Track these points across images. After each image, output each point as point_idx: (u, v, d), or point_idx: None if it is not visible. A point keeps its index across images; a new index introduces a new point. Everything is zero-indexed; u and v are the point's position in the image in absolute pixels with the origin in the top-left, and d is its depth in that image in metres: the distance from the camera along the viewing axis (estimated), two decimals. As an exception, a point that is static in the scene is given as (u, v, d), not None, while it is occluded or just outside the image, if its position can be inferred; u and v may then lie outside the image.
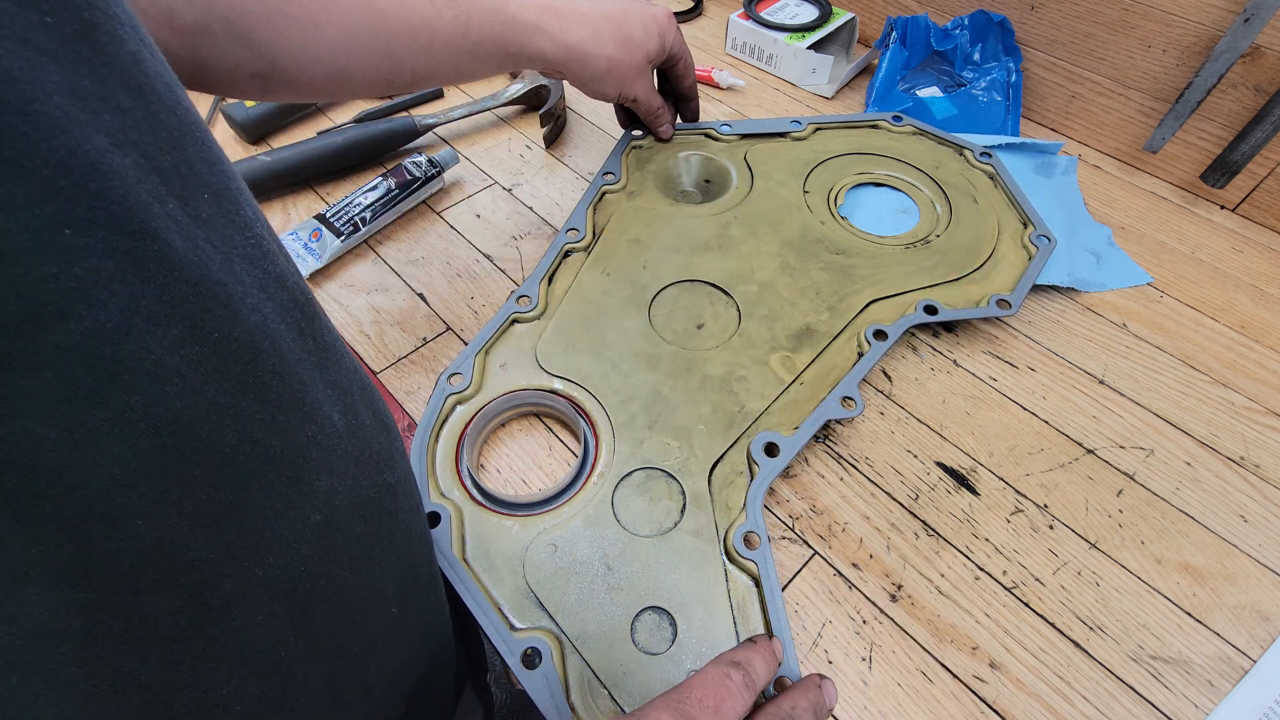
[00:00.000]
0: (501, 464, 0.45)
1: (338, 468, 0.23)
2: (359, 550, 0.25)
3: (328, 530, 0.22)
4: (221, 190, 0.18)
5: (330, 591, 0.23)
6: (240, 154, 0.65)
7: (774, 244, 0.55)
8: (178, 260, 0.15)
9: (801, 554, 0.41)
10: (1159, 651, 0.38)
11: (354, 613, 0.25)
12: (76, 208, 0.13)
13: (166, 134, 0.16)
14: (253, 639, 0.20)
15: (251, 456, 0.18)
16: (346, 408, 0.24)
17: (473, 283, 0.55)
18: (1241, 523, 0.43)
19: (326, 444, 0.22)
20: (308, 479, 0.21)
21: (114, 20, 0.15)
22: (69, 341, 0.13)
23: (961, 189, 0.60)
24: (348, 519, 0.24)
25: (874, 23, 0.79)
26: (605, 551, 0.39)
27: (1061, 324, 0.53)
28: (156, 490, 0.15)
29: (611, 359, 0.47)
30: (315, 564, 0.22)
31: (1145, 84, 0.63)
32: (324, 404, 0.22)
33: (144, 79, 0.15)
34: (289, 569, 0.20)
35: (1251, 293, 0.56)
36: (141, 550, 0.15)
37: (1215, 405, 0.48)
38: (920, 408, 0.48)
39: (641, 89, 0.54)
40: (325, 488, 0.22)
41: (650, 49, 0.52)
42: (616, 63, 0.50)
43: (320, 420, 0.22)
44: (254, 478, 0.19)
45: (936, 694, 0.37)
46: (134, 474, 0.15)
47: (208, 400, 0.17)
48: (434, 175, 0.60)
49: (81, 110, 0.13)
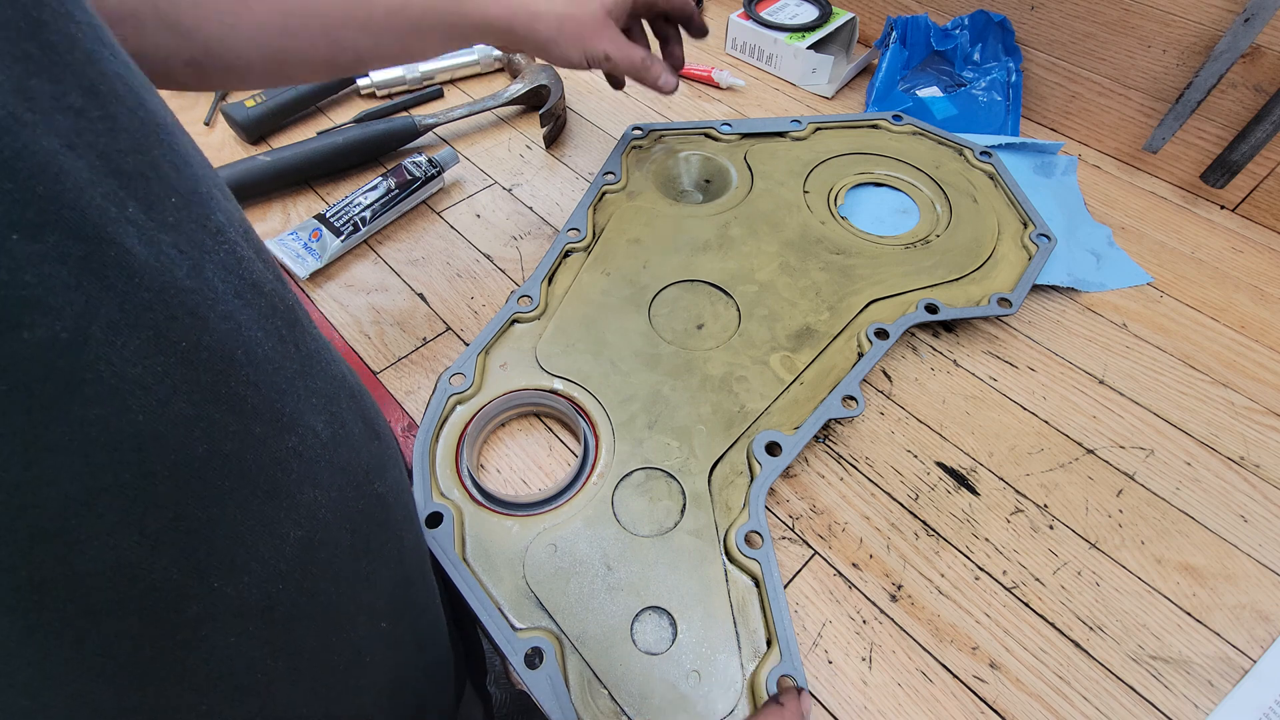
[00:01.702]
0: (501, 464, 0.45)
1: (322, 479, 0.22)
2: (345, 565, 0.24)
3: (310, 545, 0.21)
4: (190, 194, 0.17)
5: (312, 609, 0.22)
6: (240, 154, 0.65)
7: (774, 244, 0.55)
8: (138, 266, 0.15)
9: (801, 554, 0.41)
10: (1159, 651, 0.38)
11: (340, 630, 0.24)
12: (25, 212, 0.12)
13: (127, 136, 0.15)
14: (225, 661, 0.19)
15: (223, 471, 0.18)
16: (333, 417, 0.23)
17: (473, 283, 0.55)
18: (1241, 523, 0.43)
19: (309, 455, 0.21)
20: (288, 492, 0.20)
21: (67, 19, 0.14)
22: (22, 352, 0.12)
23: (961, 189, 0.60)
24: (333, 533, 0.23)
25: (874, 23, 0.79)
26: (605, 551, 0.39)
27: (1061, 324, 0.53)
28: (117, 509, 0.15)
29: (611, 359, 0.47)
30: (295, 581, 0.21)
31: (1145, 84, 0.63)
32: (306, 414, 0.22)
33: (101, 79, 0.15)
34: (265, 587, 0.20)
35: (1251, 293, 0.56)
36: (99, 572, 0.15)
37: (1215, 405, 0.48)
38: (920, 408, 0.48)
39: (610, 45, 0.49)
40: (308, 500, 0.21)
41: (607, 3, 0.48)
42: (568, 19, 0.47)
43: (302, 431, 0.21)
44: (226, 493, 0.18)
45: (936, 694, 0.37)
46: (93, 492, 0.14)
47: (175, 413, 0.16)
48: (434, 175, 0.60)
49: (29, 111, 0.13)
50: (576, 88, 0.74)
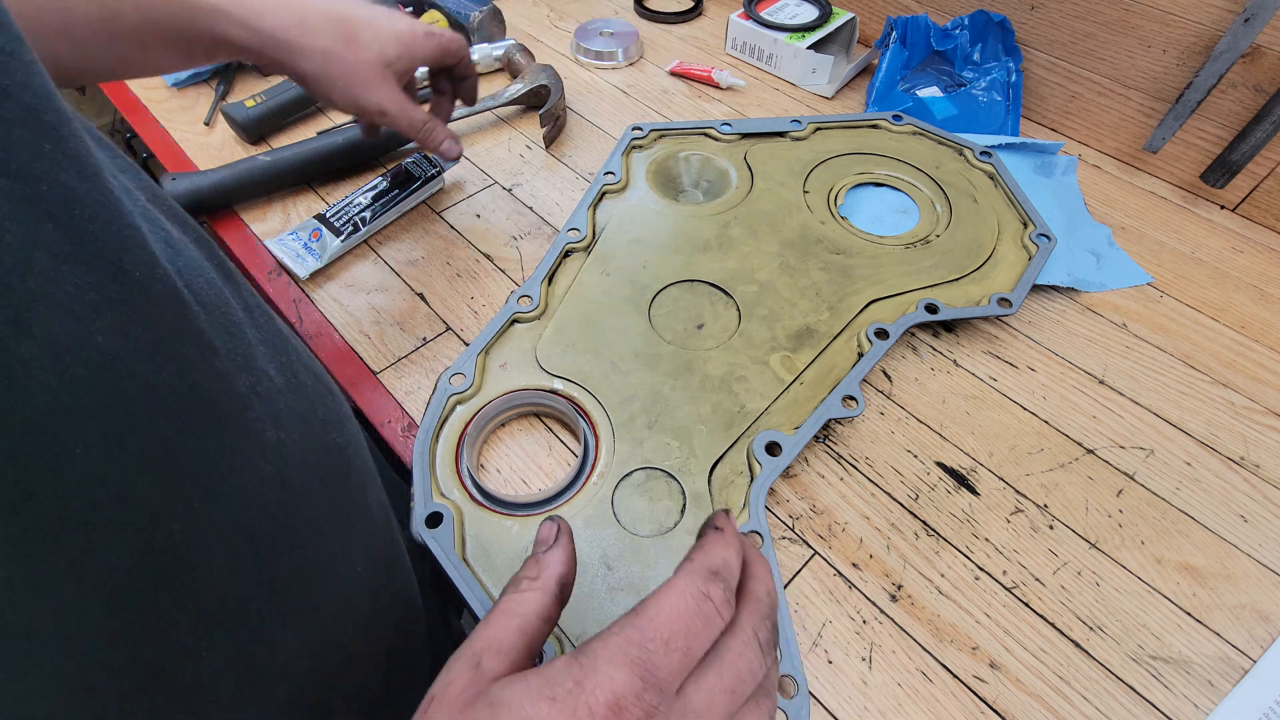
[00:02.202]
0: (501, 464, 0.45)
1: (284, 422, 0.23)
2: (317, 507, 0.25)
3: (283, 484, 0.22)
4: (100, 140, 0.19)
5: (291, 545, 0.23)
6: (240, 154, 0.65)
7: (774, 244, 0.55)
8: (78, 200, 0.16)
9: (801, 554, 0.41)
10: (1159, 651, 0.38)
11: (324, 575, 0.25)
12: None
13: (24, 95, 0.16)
14: (216, 588, 0.20)
15: (192, 400, 0.18)
16: (284, 366, 0.25)
17: (473, 283, 0.55)
18: (1241, 523, 0.43)
19: (267, 397, 0.22)
20: (254, 430, 0.21)
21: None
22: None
23: (961, 189, 0.60)
24: (303, 478, 0.24)
25: (874, 23, 0.79)
26: (605, 551, 0.39)
27: (1061, 324, 0.53)
28: (95, 423, 0.16)
29: (611, 359, 0.47)
30: (272, 514, 0.22)
31: (1145, 84, 0.63)
32: (259, 358, 0.23)
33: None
34: (245, 515, 0.20)
35: (1251, 293, 0.56)
36: (85, 483, 0.15)
37: (1215, 405, 0.48)
38: (920, 408, 0.48)
39: (388, 100, 0.46)
40: (273, 440, 0.22)
41: (388, 53, 0.45)
42: (337, 59, 0.43)
43: (258, 373, 0.22)
44: (198, 420, 0.19)
45: (936, 694, 0.37)
46: (70, 405, 0.15)
47: (138, 339, 0.17)
48: (434, 175, 0.60)
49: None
50: (576, 88, 0.75)
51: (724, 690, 0.22)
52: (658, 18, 0.85)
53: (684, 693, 0.21)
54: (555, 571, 0.25)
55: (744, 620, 0.24)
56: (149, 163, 0.84)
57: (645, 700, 0.20)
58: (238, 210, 0.60)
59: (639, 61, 0.79)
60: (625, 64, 0.78)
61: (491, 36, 0.78)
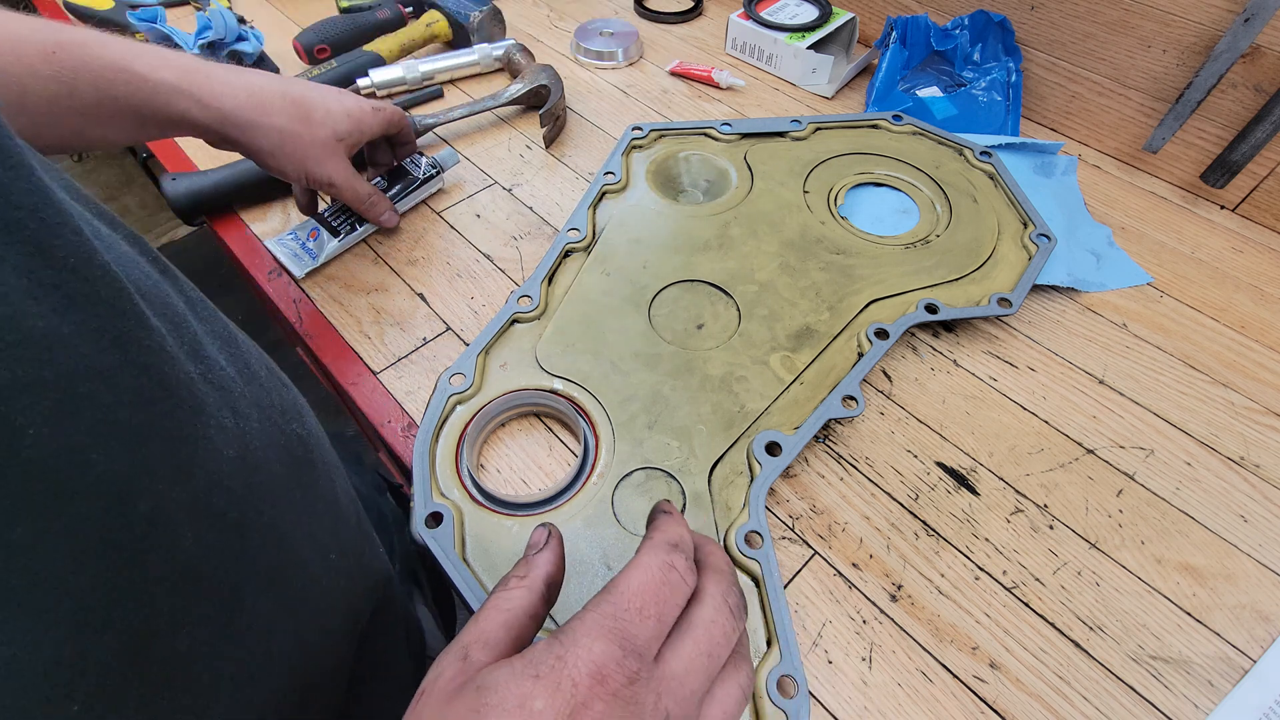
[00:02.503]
0: (501, 464, 0.45)
1: (241, 409, 0.23)
2: (282, 492, 0.25)
3: (245, 465, 0.23)
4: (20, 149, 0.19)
5: (260, 524, 0.23)
6: (239, 154, 0.64)
7: (774, 244, 0.55)
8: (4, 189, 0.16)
9: (801, 554, 0.41)
10: (1159, 651, 0.38)
11: (294, 553, 0.26)
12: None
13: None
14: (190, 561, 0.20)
15: (144, 379, 0.19)
16: (234, 357, 0.25)
17: (473, 283, 0.55)
18: (1241, 523, 0.43)
19: (220, 384, 0.23)
20: (211, 412, 0.21)
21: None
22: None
23: (961, 189, 0.60)
24: (266, 460, 0.24)
25: (874, 23, 0.79)
26: (605, 551, 0.39)
27: (1061, 324, 0.53)
28: (49, 399, 0.16)
29: (611, 359, 0.47)
30: (239, 495, 0.22)
31: (1145, 84, 0.63)
32: (207, 345, 0.23)
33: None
34: (210, 494, 0.21)
35: (1251, 293, 0.56)
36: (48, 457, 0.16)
37: (1215, 405, 0.48)
38: (920, 408, 0.48)
39: (336, 173, 0.49)
40: (232, 426, 0.22)
41: (339, 128, 0.48)
42: (292, 137, 0.47)
43: (209, 361, 0.22)
44: (151, 400, 0.19)
45: (936, 694, 0.37)
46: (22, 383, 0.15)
47: (78, 321, 0.17)
48: (434, 175, 0.60)
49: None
50: (576, 88, 0.75)
51: (701, 654, 0.23)
52: (658, 18, 0.85)
53: (663, 659, 0.23)
54: (543, 572, 0.26)
55: (710, 588, 0.25)
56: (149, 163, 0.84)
57: (626, 666, 0.21)
58: (238, 210, 0.60)
59: (639, 61, 0.79)
60: (625, 64, 0.78)
61: (491, 36, 0.78)
